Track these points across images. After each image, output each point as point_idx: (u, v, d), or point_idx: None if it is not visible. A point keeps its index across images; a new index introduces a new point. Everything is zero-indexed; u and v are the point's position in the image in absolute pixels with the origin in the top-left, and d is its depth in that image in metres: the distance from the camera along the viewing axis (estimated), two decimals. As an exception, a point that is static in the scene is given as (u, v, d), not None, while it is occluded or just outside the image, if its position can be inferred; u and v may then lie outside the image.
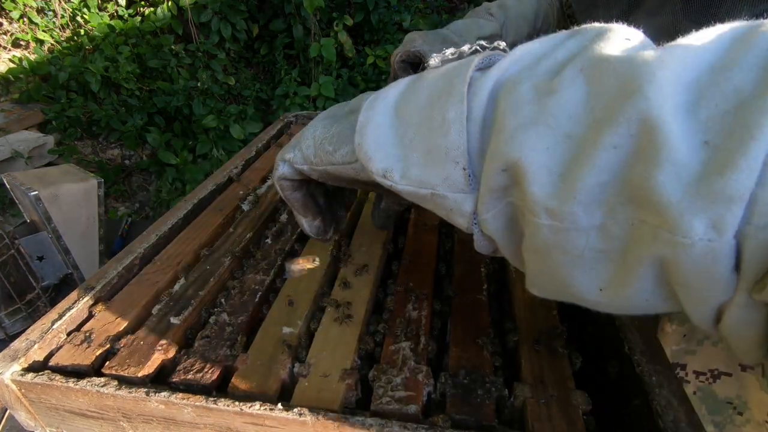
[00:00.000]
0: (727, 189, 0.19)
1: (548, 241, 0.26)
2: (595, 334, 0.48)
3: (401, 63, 0.69)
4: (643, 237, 0.22)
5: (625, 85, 0.22)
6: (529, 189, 0.25)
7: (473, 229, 0.31)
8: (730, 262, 0.20)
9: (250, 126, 3.01)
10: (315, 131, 0.39)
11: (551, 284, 0.29)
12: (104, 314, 0.47)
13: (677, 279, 0.22)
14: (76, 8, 3.00)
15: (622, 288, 0.25)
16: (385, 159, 0.32)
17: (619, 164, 0.23)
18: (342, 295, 0.49)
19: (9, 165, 2.43)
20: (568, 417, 0.35)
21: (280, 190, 0.44)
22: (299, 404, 0.36)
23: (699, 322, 0.24)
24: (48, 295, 1.94)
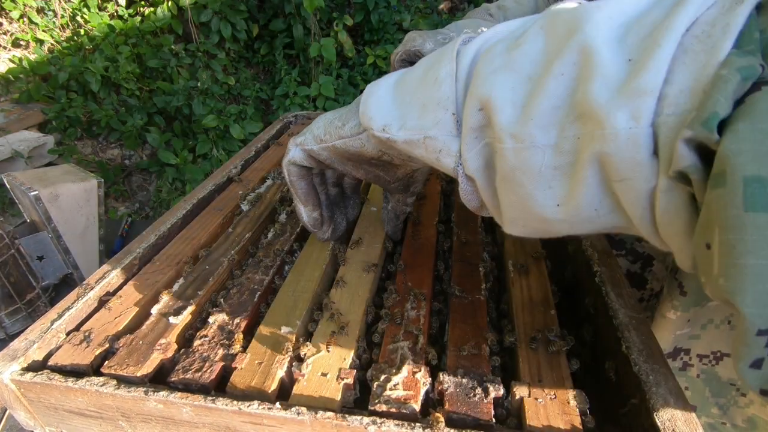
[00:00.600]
0: (641, 85, 0.24)
1: (513, 164, 0.30)
2: (593, 334, 0.48)
3: (401, 62, 0.70)
4: (585, 144, 0.27)
5: (570, 27, 0.28)
6: (497, 119, 0.30)
7: (458, 171, 0.35)
8: (649, 147, 0.25)
9: (250, 126, 3.01)
10: (325, 117, 0.45)
11: (521, 212, 0.33)
12: (103, 314, 0.47)
13: (614, 174, 0.26)
14: (76, 8, 3.00)
15: (575, 199, 0.29)
16: (385, 117, 0.37)
17: (566, 89, 0.28)
18: (340, 295, 0.49)
19: (9, 165, 2.43)
20: (565, 416, 0.35)
21: (287, 174, 0.48)
22: (297, 403, 0.36)
23: (641, 226, 0.28)
24: (48, 295, 1.94)
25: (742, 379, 0.23)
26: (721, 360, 0.59)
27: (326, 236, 0.56)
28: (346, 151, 0.43)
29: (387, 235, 0.59)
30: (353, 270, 0.53)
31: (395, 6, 3.28)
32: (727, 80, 0.22)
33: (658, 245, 0.29)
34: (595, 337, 0.48)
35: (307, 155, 0.46)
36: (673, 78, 0.24)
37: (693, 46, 0.24)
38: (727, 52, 0.22)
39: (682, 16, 0.24)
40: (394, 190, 0.51)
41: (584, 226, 0.31)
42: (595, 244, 0.53)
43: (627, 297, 0.45)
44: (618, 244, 0.70)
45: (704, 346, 0.59)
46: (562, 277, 0.57)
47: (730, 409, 0.60)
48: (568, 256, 0.58)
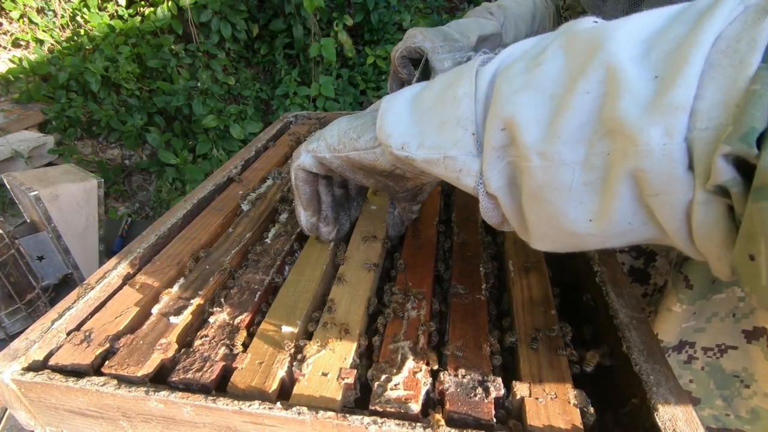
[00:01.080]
0: (672, 102, 0.24)
1: (542, 182, 0.30)
2: (594, 334, 0.48)
3: (402, 59, 0.70)
4: (617, 160, 0.27)
5: (592, 46, 0.28)
6: (522, 139, 0.30)
7: (478, 190, 0.35)
8: (684, 161, 0.25)
9: (250, 126, 3.01)
10: (339, 125, 0.45)
11: (551, 228, 0.33)
12: (104, 314, 0.47)
13: (648, 189, 0.26)
14: (76, 8, 3.00)
15: (608, 214, 0.29)
16: (403, 135, 0.38)
17: (593, 106, 0.28)
18: (341, 293, 0.49)
19: (9, 165, 2.43)
20: (566, 416, 0.35)
21: (294, 178, 0.49)
22: (298, 403, 0.36)
23: (677, 238, 0.28)
24: (48, 295, 1.94)
25: None
26: (725, 352, 0.59)
27: (331, 237, 0.56)
28: (359, 162, 0.43)
29: (387, 235, 0.59)
30: (353, 268, 0.53)
31: (395, 6, 3.28)
32: (761, 95, 0.22)
33: (694, 255, 0.29)
34: (595, 336, 0.48)
35: (317, 162, 0.46)
36: (704, 93, 0.24)
37: (720, 62, 0.24)
38: (756, 66, 0.23)
39: (707, 31, 0.24)
40: (401, 199, 0.52)
41: (617, 240, 0.31)
42: (595, 244, 0.53)
43: (627, 297, 0.45)
44: None
45: (709, 339, 0.60)
46: (562, 277, 0.57)
47: (734, 400, 0.61)
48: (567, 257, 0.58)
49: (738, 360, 0.59)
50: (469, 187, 0.35)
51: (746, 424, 0.61)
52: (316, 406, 0.36)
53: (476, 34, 0.72)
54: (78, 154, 2.80)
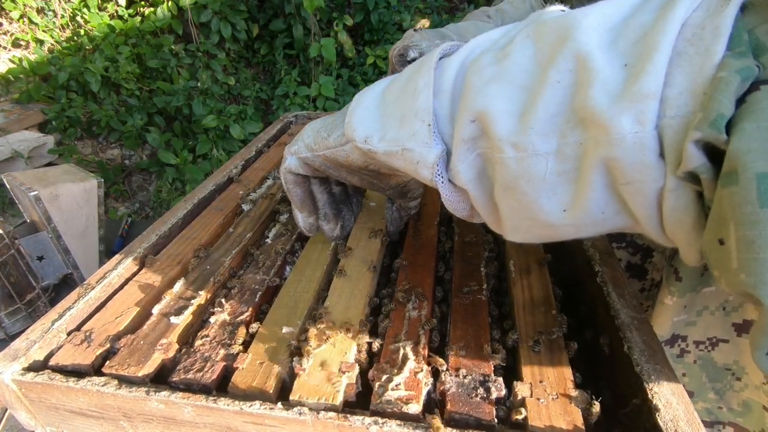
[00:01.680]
0: (642, 89, 0.24)
1: (515, 173, 0.30)
2: (594, 334, 0.48)
3: (399, 57, 0.70)
4: (589, 149, 0.27)
5: (560, 35, 0.28)
6: (495, 130, 0.30)
7: (436, 182, 0.35)
8: (655, 149, 0.25)
9: (250, 126, 3.01)
10: (314, 124, 0.45)
11: (524, 219, 0.33)
12: (104, 314, 0.47)
13: (621, 178, 0.27)
14: (76, 8, 3.00)
15: (581, 203, 0.29)
16: (368, 128, 0.38)
17: (564, 96, 0.28)
18: (341, 286, 0.49)
19: (9, 165, 2.43)
20: (567, 416, 0.35)
21: (284, 182, 0.49)
22: (299, 396, 0.36)
23: (648, 225, 0.28)
24: (48, 295, 1.94)
25: (760, 367, 0.24)
26: (716, 346, 0.60)
27: (335, 234, 0.56)
28: (335, 160, 0.43)
29: (387, 231, 0.59)
30: (354, 263, 0.53)
31: (395, 6, 3.28)
32: (728, 82, 0.22)
33: (663, 243, 0.29)
34: (596, 337, 0.48)
35: (302, 163, 0.47)
36: (672, 81, 0.24)
37: (686, 50, 0.24)
38: (721, 54, 0.23)
39: (673, 19, 0.24)
40: (391, 195, 0.52)
41: (590, 229, 0.31)
42: (596, 244, 0.53)
43: (629, 297, 0.45)
44: (618, 236, 0.70)
45: (700, 333, 0.60)
46: (561, 275, 0.57)
47: (726, 393, 0.61)
48: (565, 251, 0.58)
49: (729, 353, 0.59)
50: (427, 179, 0.35)
51: (738, 417, 0.61)
52: (317, 401, 0.36)
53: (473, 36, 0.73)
54: (78, 154, 2.80)
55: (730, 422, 0.62)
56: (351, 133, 0.39)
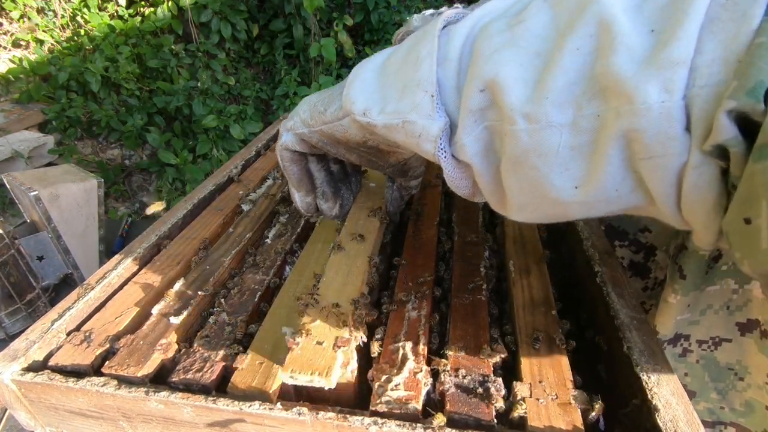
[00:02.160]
0: (671, 56, 0.23)
1: (526, 146, 0.29)
2: (595, 334, 0.48)
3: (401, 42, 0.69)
4: (608, 121, 0.26)
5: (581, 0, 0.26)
6: (506, 100, 0.28)
7: (439, 157, 0.33)
8: (682, 120, 0.24)
9: (250, 126, 3.01)
10: (310, 99, 0.43)
11: (533, 197, 0.31)
12: (104, 314, 0.47)
13: (641, 152, 0.25)
14: (76, 8, 3.01)
15: (595, 180, 0.28)
16: (367, 101, 0.36)
17: (583, 63, 0.26)
18: (338, 262, 0.49)
19: (9, 165, 2.43)
20: (567, 417, 0.35)
21: (280, 160, 0.47)
22: (290, 370, 0.35)
23: (664, 205, 0.27)
24: (48, 295, 1.94)
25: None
26: (719, 345, 0.59)
27: (333, 213, 0.54)
28: (332, 135, 0.42)
29: (387, 211, 0.57)
30: (352, 242, 0.52)
31: (395, 6, 3.28)
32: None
33: (677, 224, 0.28)
34: (597, 338, 0.47)
35: (298, 139, 0.45)
36: (703, 48, 0.23)
37: (720, 15, 0.23)
38: (759, 19, 0.22)
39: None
40: (391, 174, 0.50)
41: (601, 208, 0.30)
42: (596, 244, 0.53)
43: (628, 297, 0.45)
44: (621, 234, 0.69)
45: (703, 332, 0.60)
46: (561, 275, 0.57)
47: (728, 393, 0.61)
48: (565, 251, 0.58)
49: (732, 352, 0.58)
50: (429, 154, 0.34)
51: (740, 417, 0.60)
52: (309, 375, 0.35)
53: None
54: (78, 154, 2.80)
55: (732, 422, 0.62)
56: (349, 106, 0.37)
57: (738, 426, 0.61)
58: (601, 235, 0.55)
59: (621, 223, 0.69)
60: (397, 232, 0.63)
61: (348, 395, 0.40)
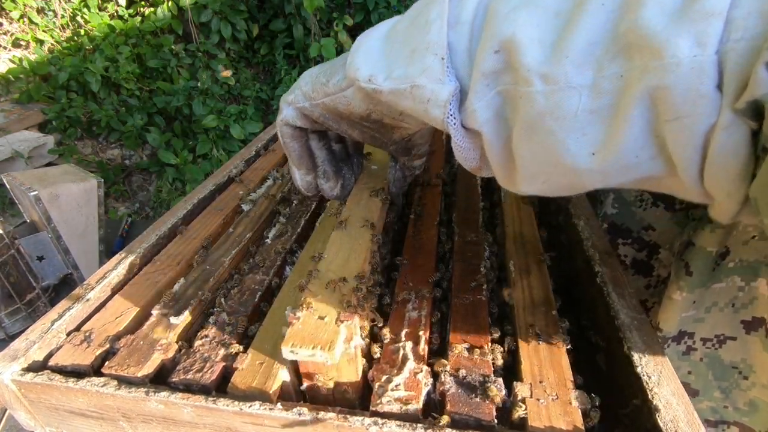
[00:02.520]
0: (705, 8, 0.22)
1: (542, 108, 0.27)
2: (595, 334, 0.48)
3: None
4: (632, 81, 0.24)
5: None
6: (523, 60, 0.27)
7: (448, 123, 0.32)
8: (714, 76, 0.22)
9: (250, 126, 3.01)
10: (312, 71, 0.42)
11: (545, 165, 0.30)
12: (104, 314, 0.47)
13: (667, 112, 0.24)
14: (76, 8, 3.01)
15: (614, 145, 0.26)
16: (372, 67, 0.35)
17: (607, 21, 0.25)
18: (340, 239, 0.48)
19: (9, 165, 2.43)
20: (567, 417, 0.35)
21: (281, 136, 0.46)
22: (291, 345, 0.34)
23: (686, 172, 0.25)
24: (48, 295, 1.94)
25: None
26: (724, 343, 0.58)
27: (335, 193, 0.53)
28: (335, 109, 0.41)
29: (389, 192, 0.56)
30: (354, 220, 0.51)
31: (395, 6, 3.28)
32: None
33: (695, 196, 0.27)
34: (597, 337, 0.47)
35: (300, 114, 0.44)
36: (739, 1, 0.22)
37: None
38: None
39: None
40: (394, 152, 0.49)
41: (617, 177, 0.28)
42: (596, 244, 0.53)
43: (629, 297, 0.45)
44: (624, 232, 0.69)
45: (708, 330, 0.59)
46: (561, 275, 0.57)
47: (732, 392, 0.60)
48: (565, 251, 0.58)
49: (737, 351, 0.58)
50: (438, 120, 0.32)
51: (744, 416, 0.60)
52: (311, 350, 0.34)
53: None
54: (78, 154, 2.80)
55: (735, 422, 0.61)
56: (353, 73, 0.36)
57: (741, 425, 0.61)
58: (601, 235, 0.55)
59: (624, 220, 0.69)
60: (397, 232, 0.63)
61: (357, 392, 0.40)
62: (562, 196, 0.32)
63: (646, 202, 0.67)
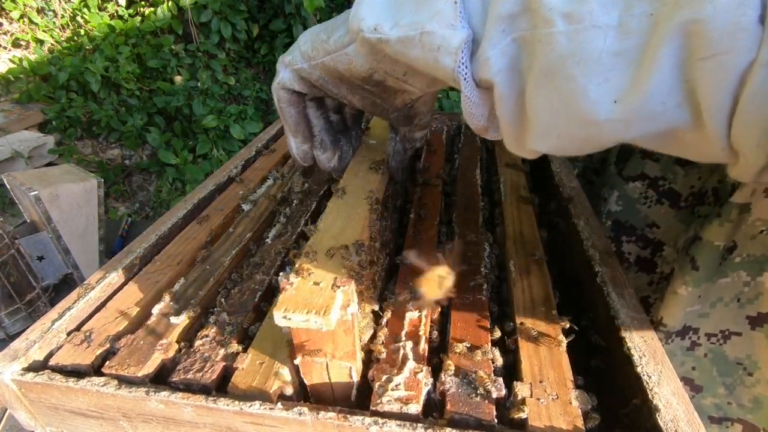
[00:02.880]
0: None
1: (564, 51, 0.26)
2: (595, 334, 0.48)
3: None
4: (663, 17, 0.22)
5: None
6: (544, 0, 0.25)
7: (458, 73, 0.30)
8: (756, 7, 0.20)
9: (250, 126, 3.01)
10: (311, 30, 0.41)
11: (561, 117, 0.28)
12: (104, 314, 0.47)
13: (701, 49, 0.22)
14: (76, 8, 3.01)
15: (639, 91, 0.24)
16: (378, 16, 0.33)
17: None
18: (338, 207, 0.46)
19: (9, 165, 2.43)
20: (567, 417, 0.35)
21: (276, 101, 0.44)
22: (284, 309, 0.32)
23: (713, 119, 0.23)
24: (48, 295, 1.94)
25: None
26: (729, 339, 0.58)
27: (332, 164, 0.52)
28: (335, 69, 0.39)
29: (388, 165, 0.54)
30: (352, 190, 0.49)
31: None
32: None
33: (716, 152, 0.25)
34: (597, 337, 0.47)
35: (297, 76, 0.42)
36: None
37: None
38: None
39: None
40: (395, 121, 0.47)
41: (638, 128, 0.27)
42: (596, 244, 0.53)
43: (629, 297, 0.45)
44: (628, 230, 0.69)
45: (713, 325, 0.58)
46: (561, 275, 0.57)
47: (736, 388, 0.59)
48: (565, 252, 0.58)
49: (742, 347, 0.57)
50: (448, 70, 0.31)
51: (748, 413, 0.59)
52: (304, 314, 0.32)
53: None
54: (78, 154, 2.80)
55: (739, 419, 0.60)
56: (357, 24, 0.34)
57: (745, 423, 0.60)
58: (601, 235, 0.55)
59: (628, 218, 0.69)
60: (397, 232, 0.63)
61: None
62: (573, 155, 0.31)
63: (650, 200, 0.67)
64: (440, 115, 0.97)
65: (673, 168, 0.64)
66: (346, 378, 0.39)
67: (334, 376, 0.39)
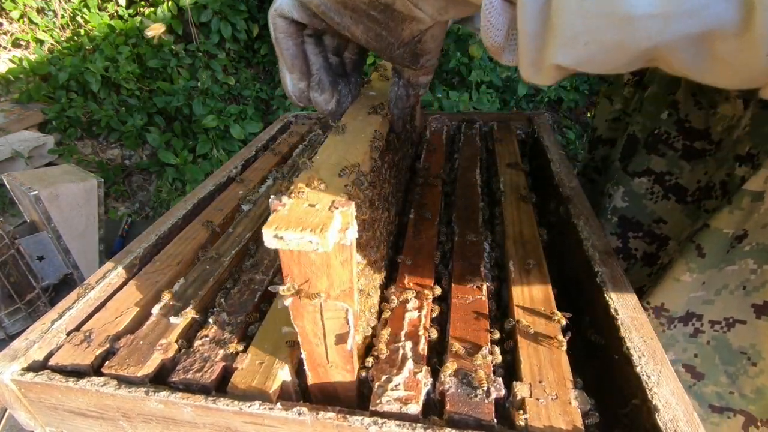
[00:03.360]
0: None
1: None
2: (596, 335, 0.48)
3: None
4: None
5: None
6: None
7: None
8: None
9: (250, 126, 3.01)
10: None
11: (594, 17, 0.25)
12: (104, 314, 0.47)
13: None
14: (76, 8, 3.01)
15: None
16: None
17: None
18: (335, 143, 0.43)
19: (9, 165, 2.43)
20: (566, 417, 0.35)
21: (273, 30, 0.41)
22: (275, 227, 0.29)
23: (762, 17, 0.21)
24: (48, 295, 1.94)
25: None
26: (733, 327, 0.57)
27: (330, 107, 0.49)
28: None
29: (390, 112, 0.51)
30: (351, 130, 0.46)
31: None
32: None
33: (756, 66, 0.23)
34: (597, 337, 0.47)
35: (297, 3, 0.39)
36: None
37: None
38: None
39: None
40: (401, 59, 0.44)
41: (678, 26, 0.24)
42: (596, 245, 0.53)
43: (629, 297, 0.45)
44: (635, 226, 0.69)
45: (717, 313, 0.58)
46: (561, 275, 0.57)
47: (739, 378, 0.58)
48: (565, 252, 0.58)
49: (746, 335, 0.56)
50: None
51: (750, 404, 0.58)
52: (300, 232, 0.29)
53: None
54: (78, 154, 2.80)
55: (741, 410, 0.59)
56: None
57: (747, 414, 0.59)
58: (601, 235, 0.55)
59: (635, 214, 0.68)
60: (398, 233, 0.63)
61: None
62: (596, 72, 0.28)
63: (657, 195, 0.66)
64: (440, 115, 0.97)
65: (679, 163, 0.64)
66: (341, 324, 0.34)
67: (329, 323, 0.34)
